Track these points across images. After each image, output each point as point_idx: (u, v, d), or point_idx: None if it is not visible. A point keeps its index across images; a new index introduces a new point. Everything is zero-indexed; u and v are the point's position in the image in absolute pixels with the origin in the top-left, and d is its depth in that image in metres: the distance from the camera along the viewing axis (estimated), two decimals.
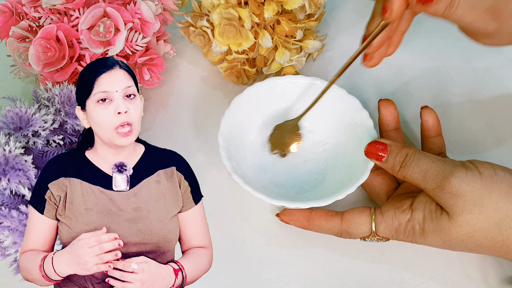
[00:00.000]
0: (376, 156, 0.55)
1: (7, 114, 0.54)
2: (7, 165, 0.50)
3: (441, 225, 0.52)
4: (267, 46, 0.65)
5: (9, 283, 0.56)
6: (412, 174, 0.53)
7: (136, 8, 0.62)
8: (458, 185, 0.50)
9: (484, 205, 0.50)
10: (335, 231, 0.56)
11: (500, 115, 0.69)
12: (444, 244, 0.53)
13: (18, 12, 0.62)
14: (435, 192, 0.51)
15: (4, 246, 0.51)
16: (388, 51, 0.60)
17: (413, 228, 0.53)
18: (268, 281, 0.58)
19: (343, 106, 0.62)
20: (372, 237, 0.55)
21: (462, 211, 0.50)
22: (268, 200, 0.54)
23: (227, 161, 0.56)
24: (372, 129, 0.59)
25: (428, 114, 0.60)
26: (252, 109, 0.62)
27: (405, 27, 0.60)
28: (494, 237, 0.50)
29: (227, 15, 0.62)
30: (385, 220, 0.54)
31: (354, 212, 0.56)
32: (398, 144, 0.55)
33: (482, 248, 0.52)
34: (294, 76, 0.63)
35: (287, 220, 0.57)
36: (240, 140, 0.61)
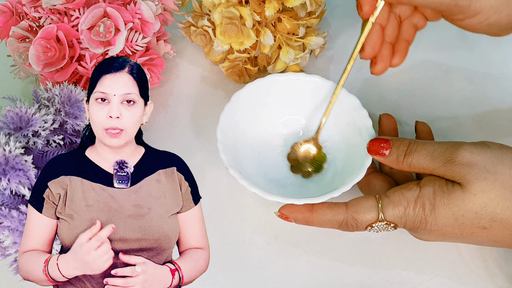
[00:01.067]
0: (379, 153, 0.55)
1: (7, 114, 0.54)
2: (7, 165, 0.50)
3: (454, 197, 0.50)
4: (269, 44, 0.65)
5: (9, 283, 0.56)
6: (419, 158, 0.52)
7: (136, 8, 0.62)
8: (469, 155, 0.50)
9: (498, 171, 0.49)
10: (340, 218, 0.53)
11: (502, 115, 0.69)
12: (456, 221, 0.50)
13: (18, 12, 0.62)
14: (446, 167, 0.50)
15: (4, 246, 0.51)
16: (394, 61, 0.60)
17: (423, 205, 0.51)
18: (268, 281, 0.58)
19: (342, 105, 0.61)
20: (379, 222, 0.52)
21: (477, 179, 0.49)
22: (263, 195, 0.54)
23: (224, 156, 0.56)
24: (371, 128, 0.59)
25: (423, 125, 0.63)
26: (253, 105, 0.62)
27: (409, 36, 0.60)
28: (510, 205, 0.49)
29: (228, 14, 0.62)
30: (392, 201, 0.52)
31: (359, 198, 0.54)
32: (398, 137, 0.55)
33: (496, 222, 0.50)
34: (295, 74, 0.63)
35: (288, 214, 0.55)
36: (239, 136, 0.61)
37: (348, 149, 0.61)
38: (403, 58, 0.60)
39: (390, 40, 0.60)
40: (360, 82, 0.70)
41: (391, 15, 0.59)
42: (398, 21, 0.60)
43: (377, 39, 0.58)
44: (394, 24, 0.60)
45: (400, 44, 0.60)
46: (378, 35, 0.58)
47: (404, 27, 0.60)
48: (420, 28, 0.61)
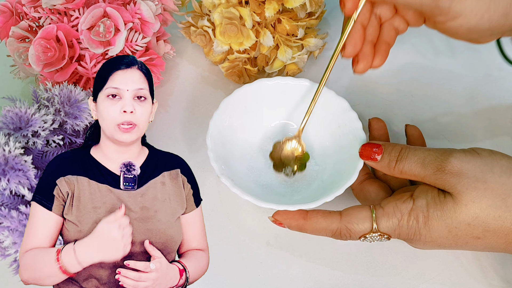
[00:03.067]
0: (371, 158, 0.55)
1: (7, 114, 0.54)
2: (6, 165, 0.50)
3: (446, 209, 0.50)
4: (269, 44, 0.65)
5: (9, 283, 0.56)
6: (410, 165, 0.52)
7: (136, 8, 0.62)
8: (459, 163, 0.50)
9: (487, 180, 0.49)
10: (334, 228, 0.53)
11: (501, 114, 0.69)
12: (449, 233, 0.50)
13: (18, 12, 0.62)
14: (436, 175, 0.51)
15: (4, 246, 0.51)
16: (375, 62, 0.59)
17: (416, 217, 0.51)
18: (268, 281, 0.58)
19: (332, 108, 0.61)
20: (373, 232, 0.53)
21: (467, 189, 0.49)
22: (256, 202, 0.54)
23: (215, 164, 0.56)
24: (361, 131, 0.59)
25: (412, 128, 0.63)
26: (241, 111, 0.62)
27: (389, 38, 0.60)
28: (502, 214, 0.49)
29: (228, 14, 0.62)
30: (386, 212, 0.52)
31: (353, 208, 0.54)
32: (390, 142, 0.55)
33: (489, 232, 0.50)
34: (283, 78, 0.63)
35: (282, 220, 0.55)
36: (230, 142, 0.61)
37: (339, 152, 0.60)
38: (384, 59, 0.60)
39: (372, 39, 0.59)
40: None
41: (372, 16, 0.59)
42: (379, 22, 0.60)
43: (358, 37, 0.58)
44: (375, 24, 0.60)
45: (381, 45, 0.60)
46: (359, 34, 0.58)
47: (385, 29, 0.60)
48: (401, 32, 0.61)
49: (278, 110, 0.64)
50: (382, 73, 0.71)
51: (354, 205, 0.54)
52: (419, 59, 0.73)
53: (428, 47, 0.74)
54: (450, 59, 0.73)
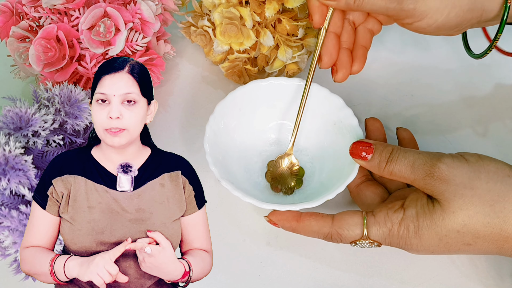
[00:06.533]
0: (361, 156, 0.55)
1: (7, 114, 0.54)
2: (7, 165, 0.50)
3: (435, 217, 0.50)
4: (269, 44, 0.65)
5: (9, 283, 0.56)
6: (400, 167, 0.52)
7: (136, 8, 0.62)
8: (447, 169, 0.50)
9: (474, 187, 0.49)
10: (325, 231, 0.54)
11: (499, 113, 0.69)
12: (440, 241, 0.51)
13: (18, 12, 0.62)
14: (425, 180, 0.51)
15: (4, 246, 0.51)
16: (354, 68, 0.59)
17: (407, 227, 0.51)
18: (268, 281, 0.58)
19: (326, 105, 0.61)
20: (363, 239, 0.53)
21: (454, 196, 0.49)
22: (258, 204, 0.54)
23: (214, 168, 0.56)
24: (358, 127, 0.59)
25: (404, 131, 0.63)
26: (236, 113, 0.62)
27: (365, 42, 0.60)
28: (490, 221, 0.49)
29: (228, 14, 0.62)
30: (377, 221, 0.53)
31: (346, 213, 0.54)
32: (382, 142, 0.55)
33: (479, 239, 0.50)
34: (277, 78, 0.63)
35: (276, 221, 0.56)
36: (226, 145, 0.61)
37: (337, 150, 0.60)
38: (362, 64, 0.60)
39: (347, 46, 0.60)
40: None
41: (345, 22, 0.60)
42: (352, 27, 0.60)
43: (333, 47, 0.58)
44: (349, 30, 0.60)
45: (358, 50, 0.60)
46: (333, 43, 0.58)
47: (360, 33, 0.60)
48: (376, 32, 0.61)
49: (274, 111, 0.64)
50: (382, 73, 0.71)
51: (347, 210, 0.55)
52: (419, 59, 0.73)
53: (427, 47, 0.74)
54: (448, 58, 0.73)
